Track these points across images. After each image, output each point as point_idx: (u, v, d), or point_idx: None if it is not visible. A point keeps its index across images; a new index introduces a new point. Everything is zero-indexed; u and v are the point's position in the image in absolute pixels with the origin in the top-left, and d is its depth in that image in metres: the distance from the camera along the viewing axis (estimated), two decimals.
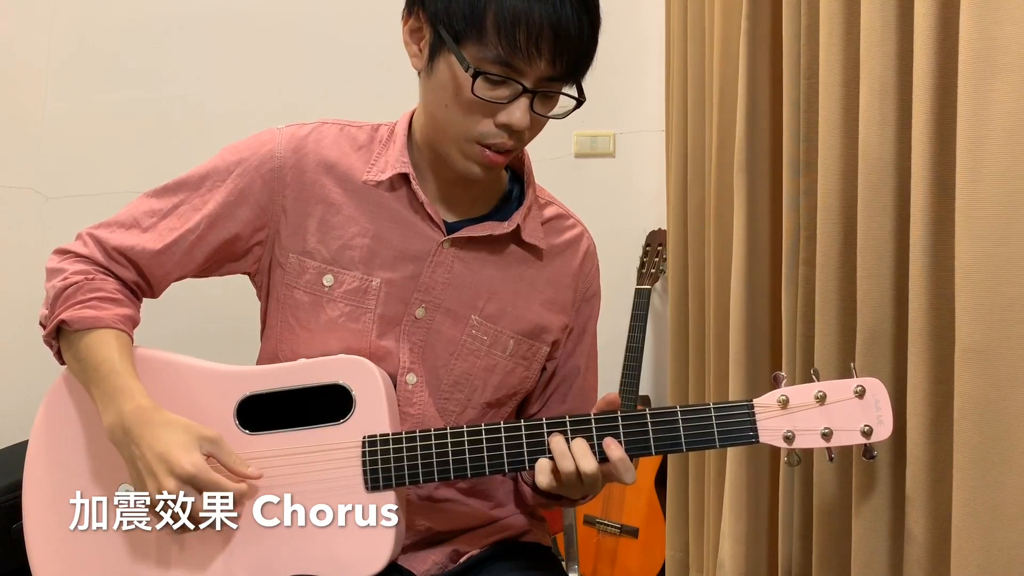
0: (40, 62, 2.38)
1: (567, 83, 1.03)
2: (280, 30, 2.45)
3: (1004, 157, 0.92)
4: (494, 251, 1.14)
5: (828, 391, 0.99)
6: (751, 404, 1.00)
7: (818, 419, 0.99)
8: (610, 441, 1.00)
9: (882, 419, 0.98)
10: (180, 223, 1.12)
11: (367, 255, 1.11)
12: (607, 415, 1.01)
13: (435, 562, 1.15)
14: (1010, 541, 0.95)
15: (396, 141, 1.12)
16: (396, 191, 1.12)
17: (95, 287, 1.09)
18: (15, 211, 2.39)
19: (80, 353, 1.07)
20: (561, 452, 0.99)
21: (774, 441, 0.99)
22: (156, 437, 0.99)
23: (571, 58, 0.99)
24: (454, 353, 1.13)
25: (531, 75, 0.99)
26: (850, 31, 1.18)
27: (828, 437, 0.98)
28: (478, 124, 1.02)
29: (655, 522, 2.32)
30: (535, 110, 1.01)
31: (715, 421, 0.99)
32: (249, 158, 1.12)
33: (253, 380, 1.08)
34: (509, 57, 0.97)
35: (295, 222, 1.12)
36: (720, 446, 1.01)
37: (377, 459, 1.03)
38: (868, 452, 0.99)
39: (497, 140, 1.02)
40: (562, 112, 1.05)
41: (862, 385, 0.98)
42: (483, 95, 0.99)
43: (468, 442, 1.02)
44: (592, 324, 1.25)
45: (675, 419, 1.00)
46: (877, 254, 1.14)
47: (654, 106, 2.45)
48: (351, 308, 1.11)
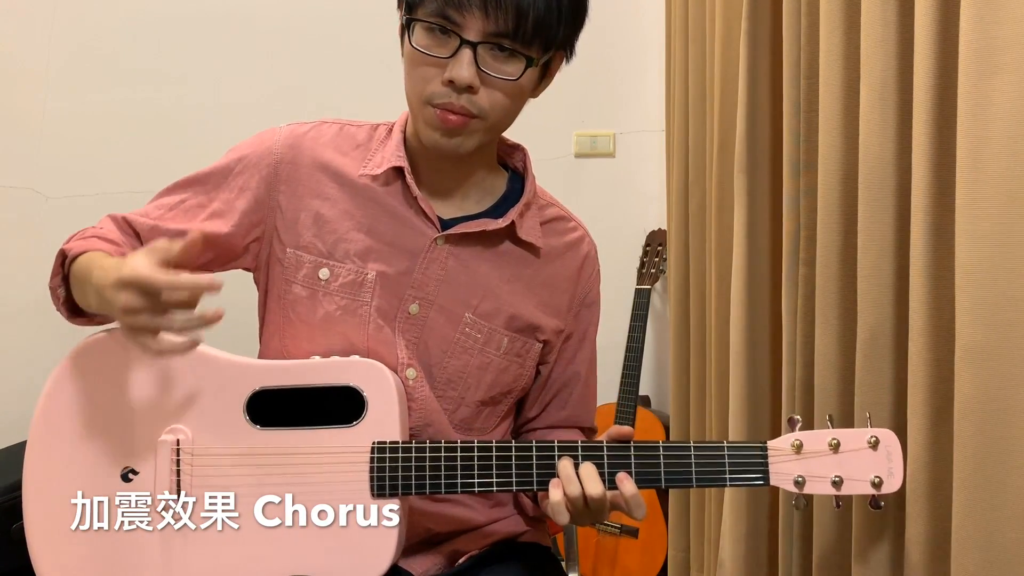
0: (40, 62, 2.38)
1: (518, 41, 1.00)
2: (280, 30, 2.45)
3: (1004, 157, 0.92)
4: (489, 248, 1.14)
5: (842, 439, 0.99)
6: (765, 446, 1.00)
7: (830, 467, 0.99)
8: (623, 476, 0.99)
9: (893, 471, 0.98)
10: (185, 219, 1.14)
11: (362, 249, 1.11)
12: (619, 444, 1.01)
13: (434, 563, 1.15)
14: (1010, 541, 0.95)
15: (393, 137, 1.13)
16: (391, 186, 1.12)
17: (99, 233, 1.12)
18: (15, 211, 2.39)
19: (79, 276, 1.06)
20: (568, 477, 0.99)
21: (784, 485, 0.99)
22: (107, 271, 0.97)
23: (511, 11, 0.97)
24: (448, 351, 1.13)
25: (471, 28, 0.98)
26: (850, 31, 1.18)
27: (838, 486, 0.98)
28: (428, 84, 1.02)
29: (655, 522, 2.32)
30: (483, 68, 1.00)
31: (728, 460, 0.99)
32: (249, 155, 1.14)
33: (266, 374, 1.07)
34: (444, 8, 0.98)
35: (291, 217, 1.12)
36: (730, 485, 1.01)
37: (385, 466, 1.02)
38: (875, 503, 1.00)
39: (445, 100, 1.01)
40: (517, 76, 1.02)
41: (876, 436, 0.98)
42: (420, 46, 1.00)
43: (478, 457, 1.02)
44: (592, 331, 1.24)
45: (687, 455, 1.00)
46: (877, 254, 1.14)
47: (654, 106, 2.45)
48: (347, 301, 1.11)
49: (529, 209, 1.15)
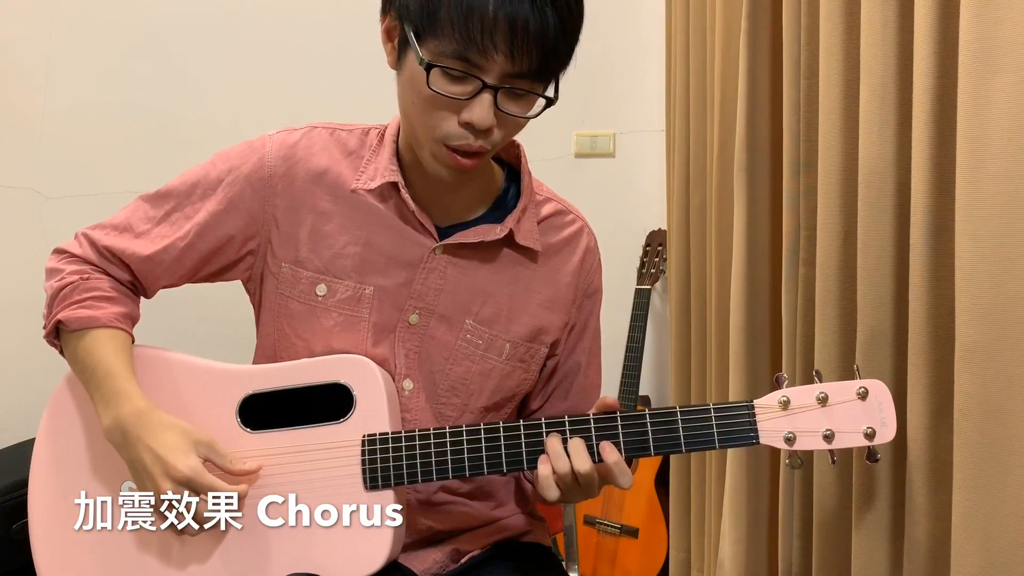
0: (40, 62, 2.38)
1: (537, 80, 0.97)
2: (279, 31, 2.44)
3: (1004, 157, 0.92)
4: (488, 255, 1.13)
5: (830, 392, 0.98)
6: (751, 405, 1.00)
7: (820, 421, 0.98)
8: (607, 445, 0.99)
9: (885, 421, 0.97)
10: (171, 231, 1.12)
11: (359, 263, 1.10)
12: (606, 416, 1.01)
13: (436, 561, 1.15)
14: (1010, 541, 0.95)
15: (385, 148, 1.11)
16: (386, 199, 1.11)
17: (91, 286, 1.10)
18: (15, 211, 2.39)
19: (78, 355, 1.07)
20: (556, 452, 0.99)
21: (775, 442, 0.98)
22: (153, 440, 1.00)
23: (535, 53, 0.93)
24: (449, 358, 1.13)
25: (491, 71, 0.94)
26: (850, 31, 1.18)
27: (830, 439, 0.97)
28: (442, 123, 0.98)
29: (655, 522, 2.32)
30: (501, 108, 0.97)
31: (715, 422, 0.99)
32: (240, 167, 1.12)
33: (255, 379, 1.08)
34: (465, 51, 0.93)
35: (286, 231, 1.11)
36: (720, 447, 1.00)
37: (376, 458, 1.03)
38: (871, 455, 0.99)
39: (461, 141, 0.98)
40: (534, 113, 1.00)
41: (865, 387, 0.98)
42: (439, 89, 0.96)
43: (467, 442, 1.02)
44: (594, 320, 1.24)
45: (674, 420, 0.99)
46: (877, 254, 1.14)
47: (654, 106, 2.45)
48: (345, 317, 1.11)
49: (526, 211, 1.15)
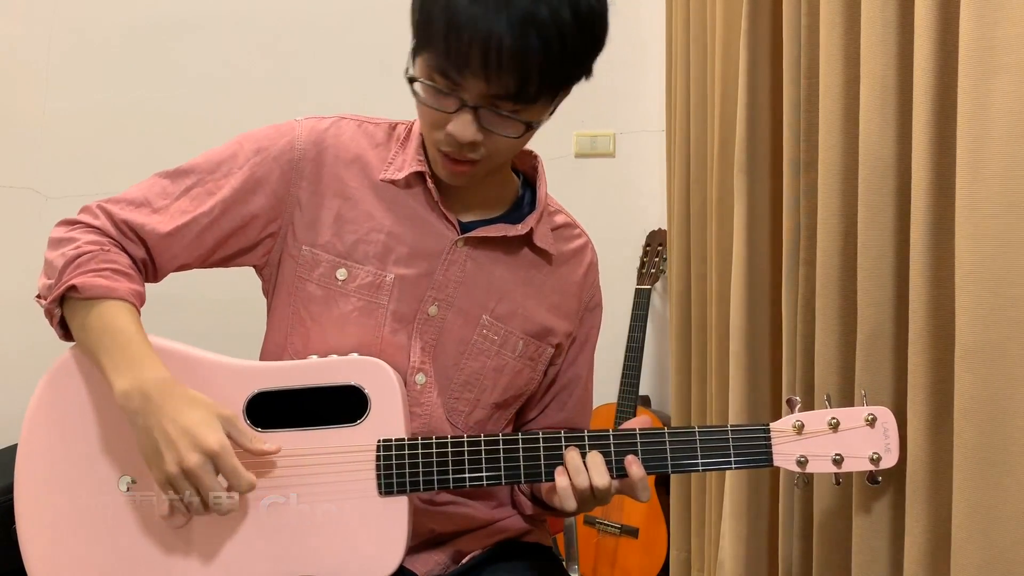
0: (40, 62, 2.38)
1: (522, 103, 0.97)
2: (281, 30, 2.45)
3: (1004, 157, 0.92)
4: (506, 253, 1.14)
5: (841, 418, 1.03)
6: (768, 428, 1.03)
7: (831, 445, 1.02)
8: (632, 459, 1.01)
9: (890, 447, 1.02)
10: (193, 206, 1.10)
11: (382, 251, 1.11)
12: (626, 432, 1.02)
13: (437, 562, 1.15)
14: (1010, 541, 0.94)
15: (412, 141, 1.13)
16: (412, 189, 1.12)
17: (109, 259, 1.06)
18: (15, 211, 2.39)
19: (91, 321, 1.03)
20: (576, 467, 1.00)
21: (787, 465, 1.02)
22: (180, 410, 0.97)
23: (512, 77, 0.93)
24: (465, 353, 1.13)
25: (470, 89, 0.96)
26: (850, 31, 1.18)
27: (839, 463, 1.02)
28: (434, 131, 1.02)
29: (655, 522, 2.32)
30: (486, 126, 0.99)
31: (732, 443, 1.02)
32: (269, 147, 1.12)
33: (265, 376, 1.06)
34: (446, 68, 0.95)
35: (311, 214, 1.11)
36: (735, 467, 1.03)
37: (392, 463, 1.02)
38: (872, 478, 1.03)
39: (448, 149, 1.02)
40: (515, 134, 1.00)
41: (873, 413, 1.02)
42: (426, 101, 1.00)
43: (485, 451, 1.02)
44: (594, 335, 1.25)
45: (693, 439, 1.02)
46: (877, 254, 1.14)
47: (654, 106, 2.45)
48: (364, 303, 1.10)
49: (542, 218, 1.16)
